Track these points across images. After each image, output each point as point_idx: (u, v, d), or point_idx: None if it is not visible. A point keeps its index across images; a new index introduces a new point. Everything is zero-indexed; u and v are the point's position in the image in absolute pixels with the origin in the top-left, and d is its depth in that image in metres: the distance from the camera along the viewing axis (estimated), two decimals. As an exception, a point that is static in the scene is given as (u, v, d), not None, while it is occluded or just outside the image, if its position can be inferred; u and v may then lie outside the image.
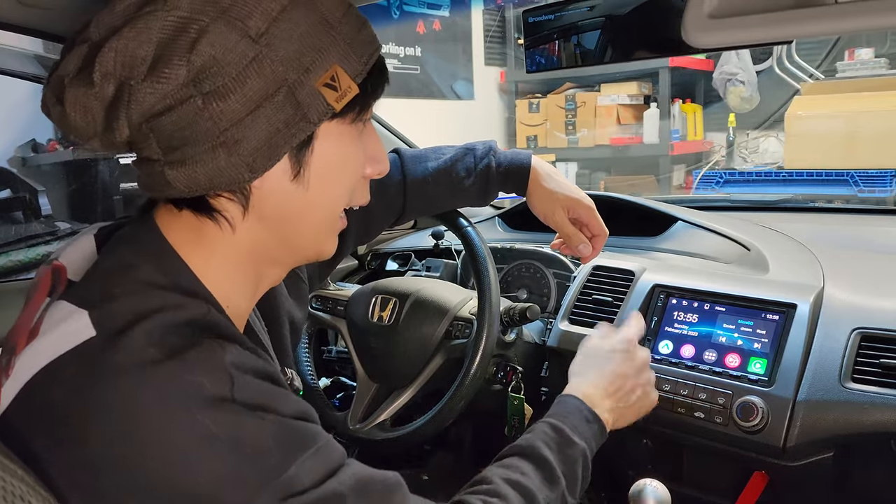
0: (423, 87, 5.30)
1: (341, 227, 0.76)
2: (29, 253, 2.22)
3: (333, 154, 0.69)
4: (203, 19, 0.61)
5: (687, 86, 5.70)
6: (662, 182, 5.38)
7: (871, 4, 0.69)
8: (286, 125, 0.64)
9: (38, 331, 0.64)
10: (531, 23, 1.01)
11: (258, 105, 0.63)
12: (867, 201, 2.72)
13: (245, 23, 0.62)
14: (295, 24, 0.64)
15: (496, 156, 1.16)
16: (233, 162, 0.64)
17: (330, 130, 0.68)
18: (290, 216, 0.70)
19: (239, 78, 0.62)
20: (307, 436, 0.64)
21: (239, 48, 0.62)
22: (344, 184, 0.72)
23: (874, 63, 4.22)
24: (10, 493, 0.53)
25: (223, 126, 0.63)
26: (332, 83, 0.65)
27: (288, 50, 0.63)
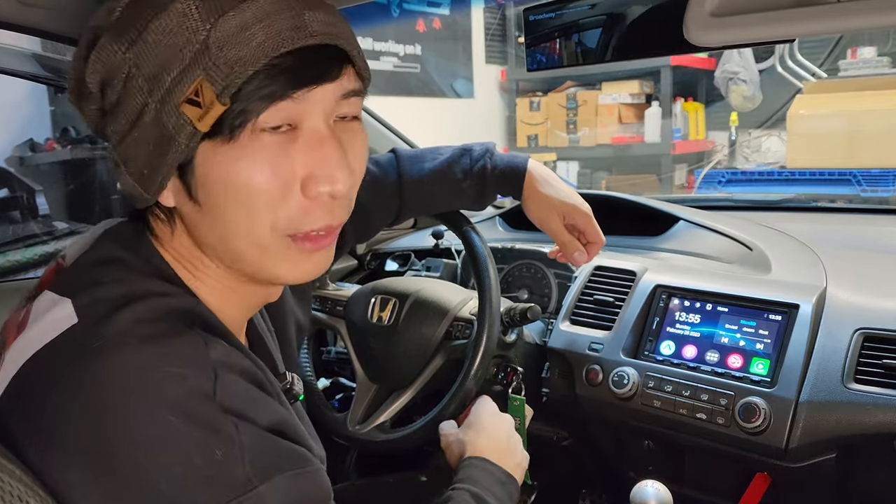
0: (423, 85, 5.30)
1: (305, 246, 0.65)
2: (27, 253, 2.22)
3: (220, 176, 0.61)
4: (102, 35, 0.61)
5: (689, 84, 5.69)
6: (664, 181, 5.38)
7: (872, 3, 0.69)
8: (157, 146, 0.60)
9: (26, 323, 0.64)
10: (532, 21, 1.01)
11: (133, 125, 0.61)
12: (870, 201, 2.72)
13: (122, 36, 0.59)
14: (161, 33, 0.58)
15: (492, 158, 1.15)
16: (129, 181, 0.63)
17: (208, 150, 0.60)
18: (209, 239, 0.65)
19: (121, 96, 0.60)
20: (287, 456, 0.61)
21: (118, 63, 0.60)
22: (245, 206, 0.61)
23: (876, 62, 4.21)
24: (7, 494, 0.53)
25: (115, 143, 0.63)
26: (195, 99, 0.57)
27: (153, 63, 0.58)
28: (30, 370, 0.61)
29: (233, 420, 0.58)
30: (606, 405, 1.23)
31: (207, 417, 0.57)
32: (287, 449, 0.61)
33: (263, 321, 0.84)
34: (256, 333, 0.80)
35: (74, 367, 0.58)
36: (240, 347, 0.65)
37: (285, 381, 0.78)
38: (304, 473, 0.61)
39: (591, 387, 1.24)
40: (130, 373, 0.57)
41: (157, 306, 0.61)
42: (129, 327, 0.59)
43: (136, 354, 0.57)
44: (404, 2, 4.54)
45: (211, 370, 0.59)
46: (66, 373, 0.58)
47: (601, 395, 1.23)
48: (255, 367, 0.64)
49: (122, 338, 0.58)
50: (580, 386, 1.26)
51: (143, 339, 0.58)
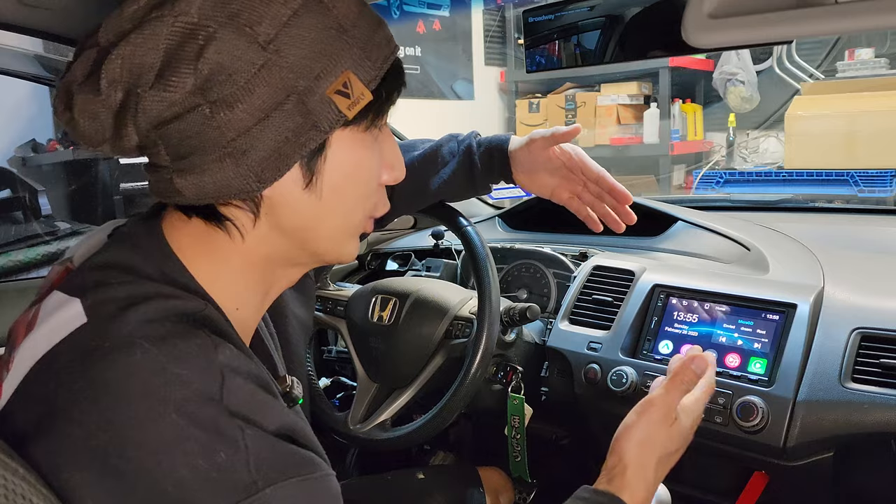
0: (422, 86, 5.30)
1: (367, 231, 0.76)
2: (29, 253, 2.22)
3: (347, 162, 0.67)
4: (211, 25, 0.59)
5: (687, 86, 5.69)
6: (662, 182, 5.38)
7: (871, 4, 0.69)
8: (296, 134, 0.63)
9: (34, 323, 0.64)
10: (531, 23, 1.01)
11: (267, 114, 0.61)
12: (867, 201, 2.73)
13: (254, 29, 0.60)
14: (305, 30, 0.62)
15: (478, 137, 1.18)
16: (240, 172, 0.62)
17: (343, 138, 0.66)
18: (305, 225, 0.68)
19: (247, 86, 0.60)
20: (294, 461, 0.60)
21: (247, 56, 0.60)
22: (359, 192, 0.70)
23: (874, 63, 4.21)
24: (11, 492, 0.53)
25: (230, 136, 0.61)
26: (344, 90, 0.63)
27: (297, 56, 0.61)
28: (39, 371, 0.61)
29: (238, 424, 0.58)
30: (605, 404, 1.23)
31: (213, 420, 0.57)
32: (295, 454, 0.61)
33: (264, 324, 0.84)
34: (258, 336, 0.80)
35: (82, 367, 0.58)
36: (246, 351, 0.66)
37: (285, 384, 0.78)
38: (312, 479, 0.61)
39: (590, 386, 1.25)
40: (137, 374, 0.57)
41: (165, 307, 0.61)
42: (137, 328, 0.59)
43: (143, 356, 0.57)
44: (404, 3, 4.54)
45: (218, 373, 0.59)
46: (74, 373, 0.58)
47: (600, 394, 1.23)
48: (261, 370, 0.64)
49: (129, 338, 0.58)
50: (579, 385, 1.26)
51: (150, 340, 0.58)
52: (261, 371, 0.64)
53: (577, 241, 1.57)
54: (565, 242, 1.57)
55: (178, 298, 0.63)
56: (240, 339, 0.67)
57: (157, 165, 0.65)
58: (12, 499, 0.53)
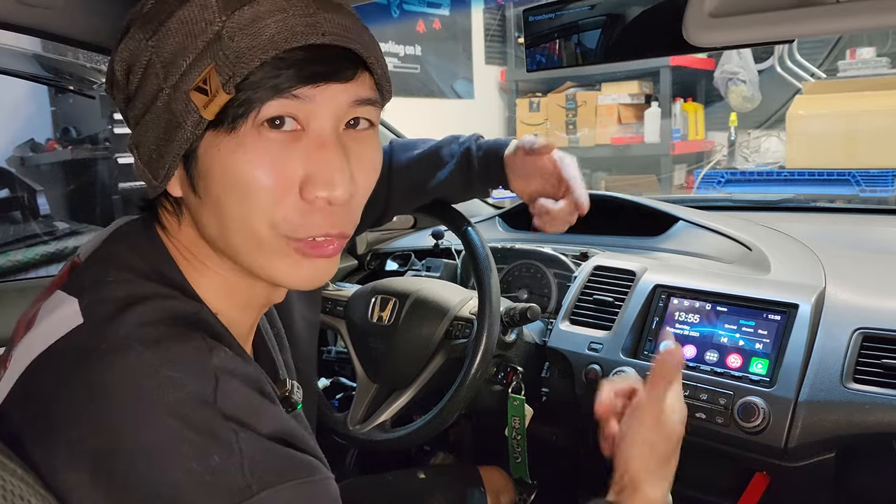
0: (422, 85, 5.30)
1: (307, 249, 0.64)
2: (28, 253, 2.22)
3: (219, 167, 0.61)
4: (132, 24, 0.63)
5: (688, 85, 5.69)
6: (663, 182, 5.37)
7: (872, 4, 0.69)
8: (166, 132, 0.61)
9: (34, 322, 0.64)
10: (531, 21, 1.01)
11: (147, 110, 0.62)
12: (869, 201, 2.73)
13: (147, 25, 0.62)
14: (180, 23, 0.60)
15: (477, 141, 1.17)
16: (139, 167, 0.65)
17: (214, 141, 0.60)
18: (211, 232, 0.65)
19: (140, 82, 0.62)
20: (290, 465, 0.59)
21: (142, 51, 0.62)
22: (240, 201, 0.61)
23: (876, 62, 4.21)
24: (9, 493, 0.53)
25: (132, 126, 0.65)
26: (203, 87, 0.59)
27: (170, 51, 0.60)
28: (35, 371, 0.61)
29: (232, 427, 0.57)
30: (606, 405, 1.23)
31: (206, 423, 0.56)
32: (291, 457, 0.60)
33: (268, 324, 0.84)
34: (260, 339, 0.80)
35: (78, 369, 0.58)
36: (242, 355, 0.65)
37: (284, 388, 0.77)
38: (310, 482, 0.60)
39: (590, 386, 1.24)
40: (131, 377, 0.57)
41: (161, 308, 0.61)
42: (132, 330, 0.59)
43: (138, 359, 0.57)
44: (404, 2, 4.54)
45: (212, 376, 0.58)
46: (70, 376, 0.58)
47: (601, 394, 1.23)
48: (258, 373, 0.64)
49: (124, 341, 0.58)
50: (579, 385, 1.26)
51: (145, 342, 0.58)
52: (258, 374, 0.64)
53: (578, 241, 1.57)
54: (566, 242, 1.56)
55: (174, 299, 0.63)
56: (235, 341, 0.67)
57: None
58: (10, 499, 0.53)
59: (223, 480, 0.56)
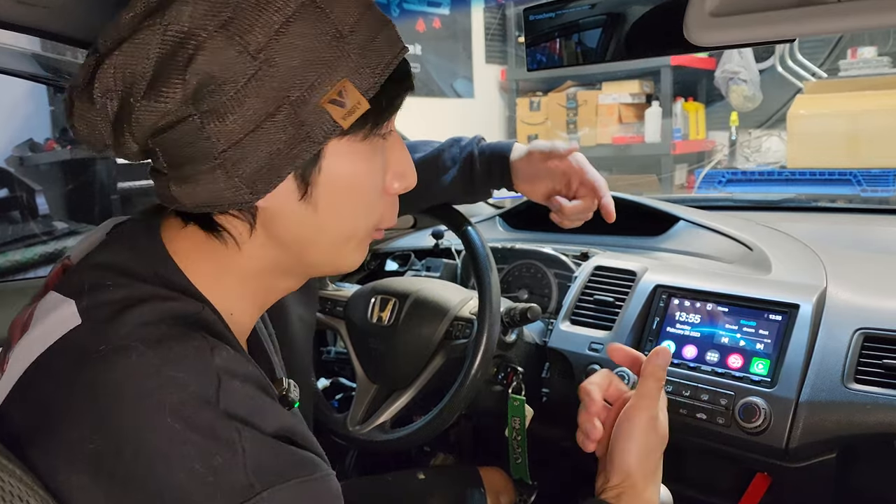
0: (422, 85, 5.29)
1: (377, 238, 0.73)
2: (27, 252, 2.22)
3: (344, 173, 0.65)
4: (201, 34, 0.58)
5: (689, 84, 5.69)
6: (664, 181, 5.37)
7: (872, 3, 0.69)
8: (288, 146, 0.61)
9: (29, 324, 0.64)
10: (532, 21, 1.01)
11: (258, 125, 0.60)
12: (870, 201, 2.72)
13: (244, 38, 0.58)
14: (298, 38, 0.60)
15: (480, 144, 1.18)
16: (232, 183, 0.61)
17: (339, 149, 0.64)
18: (302, 237, 0.67)
19: (237, 97, 0.59)
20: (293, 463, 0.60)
21: (237, 65, 0.58)
22: (359, 203, 0.67)
23: (877, 62, 4.21)
24: (8, 494, 0.53)
25: (221, 147, 0.60)
26: (339, 99, 0.61)
27: (290, 66, 0.59)
28: (34, 373, 0.61)
29: (236, 426, 0.57)
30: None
31: (208, 423, 0.56)
32: (294, 455, 0.60)
33: (263, 325, 0.84)
34: (256, 338, 0.80)
35: (79, 370, 0.58)
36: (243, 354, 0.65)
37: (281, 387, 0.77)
38: (312, 480, 0.60)
39: (591, 387, 1.24)
40: (133, 378, 0.57)
41: (161, 309, 0.61)
42: (133, 330, 0.59)
43: (139, 359, 0.57)
44: (404, 1, 4.53)
45: (214, 376, 0.58)
46: (70, 377, 0.58)
47: (601, 395, 1.22)
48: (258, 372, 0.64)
49: (126, 341, 0.58)
50: (580, 386, 1.26)
51: (146, 342, 0.58)
52: (258, 373, 0.64)
53: (578, 241, 1.57)
54: (566, 242, 1.56)
55: (174, 300, 0.63)
56: (237, 341, 0.67)
57: (158, 171, 0.65)
58: (10, 500, 0.53)
59: (226, 480, 0.56)
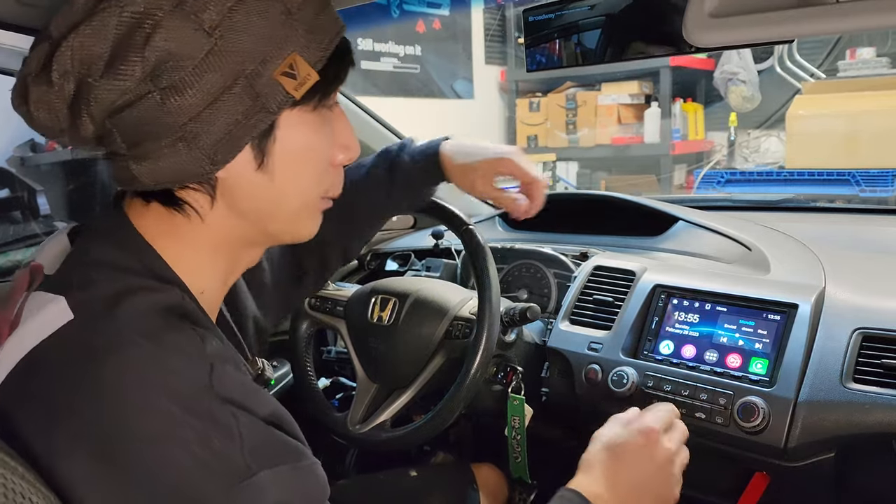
0: (422, 86, 5.30)
1: (325, 207, 0.76)
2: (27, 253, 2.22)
3: (297, 142, 0.69)
4: (157, 14, 0.60)
5: (688, 85, 5.69)
6: (663, 182, 5.38)
7: (871, 4, 0.69)
8: (245, 116, 0.64)
9: (18, 321, 0.65)
10: (531, 22, 1.01)
11: (216, 98, 0.63)
12: (869, 201, 2.73)
13: (199, 16, 0.61)
14: (250, 15, 0.63)
15: (408, 148, 1.16)
16: (194, 155, 0.64)
17: (291, 119, 0.68)
18: (260, 205, 0.70)
19: (195, 72, 0.62)
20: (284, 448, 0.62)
21: (194, 42, 0.61)
22: (311, 171, 0.71)
23: (876, 62, 4.22)
24: (10, 491, 0.53)
25: (182, 120, 0.63)
26: (290, 72, 0.64)
27: (243, 41, 0.63)
28: (27, 367, 0.62)
29: (231, 410, 0.60)
30: (606, 405, 1.23)
31: (206, 408, 0.59)
32: (284, 441, 0.63)
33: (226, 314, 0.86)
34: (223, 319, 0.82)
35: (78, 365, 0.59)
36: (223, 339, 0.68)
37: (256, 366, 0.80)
38: (302, 467, 0.63)
39: (590, 386, 1.24)
40: (132, 368, 0.59)
41: (151, 302, 0.63)
42: (128, 323, 0.61)
43: (138, 351, 0.59)
44: (404, 2, 4.54)
45: (207, 363, 0.61)
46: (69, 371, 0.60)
47: (600, 394, 1.23)
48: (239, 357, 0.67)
49: (122, 335, 0.60)
50: (579, 386, 1.26)
51: (143, 335, 0.60)
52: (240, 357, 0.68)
53: (578, 241, 1.57)
54: (565, 242, 1.56)
55: (160, 292, 0.65)
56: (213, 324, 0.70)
57: (115, 154, 0.66)
58: (12, 498, 0.53)
59: (224, 463, 0.58)
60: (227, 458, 0.58)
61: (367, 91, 4.65)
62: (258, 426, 0.61)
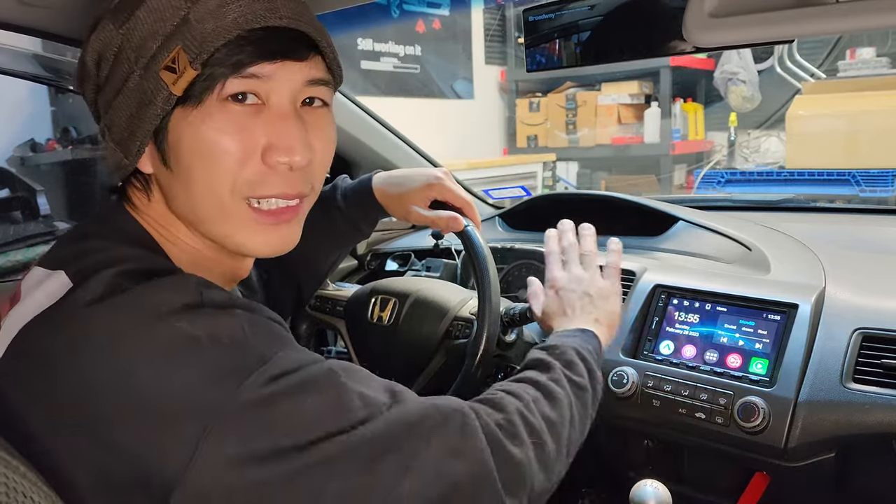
0: (422, 86, 5.30)
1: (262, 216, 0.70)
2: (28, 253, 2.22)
3: (190, 140, 0.67)
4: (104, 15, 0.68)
5: (688, 85, 5.70)
6: (663, 182, 5.39)
7: (871, 4, 0.69)
8: (138, 110, 0.67)
9: (18, 297, 0.67)
10: (531, 22, 1.01)
11: (118, 92, 0.67)
12: (869, 201, 2.73)
13: (117, 15, 0.67)
14: (150, 10, 0.66)
15: (339, 189, 1.16)
16: (111, 147, 0.69)
17: (184, 115, 0.66)
18: (181, 205, 0.71)
19: (112, 68, 0.67)
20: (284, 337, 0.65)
21: (112, 40, 0.67)
22: (217, 170, 0.67)
23: (875, 62, 4.22)
24: (12, 490, 0.54)
25: (103, 112, 0.70)
26: (171, 66, 0.64)
27: (140, 36, 0.66)
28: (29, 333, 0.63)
29: (228, 311, 0.62)
30: (606, 405, 1.22)
31: (204, 319, 0.61)
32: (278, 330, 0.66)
33: None
34: None
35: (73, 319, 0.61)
36: None
37: None
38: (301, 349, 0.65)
39: (590, 386, 1.24)
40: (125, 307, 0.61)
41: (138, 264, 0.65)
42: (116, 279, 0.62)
43: (127, 294, 0.61)
44: (404, 2, 4.54)
45: (195, 287, 0.63)
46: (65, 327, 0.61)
47: (601, 394, 1.23)
48: None
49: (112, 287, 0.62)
50: (580, 385, 1.26)
51: (131, 280, 0.62)
52: None
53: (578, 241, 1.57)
54: (566, 242, 1.56)
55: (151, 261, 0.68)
56: None
57: None
58: (13, 496, 0.53)
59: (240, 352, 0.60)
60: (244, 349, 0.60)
61: (367, 91, 4.65)
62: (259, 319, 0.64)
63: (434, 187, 1.11)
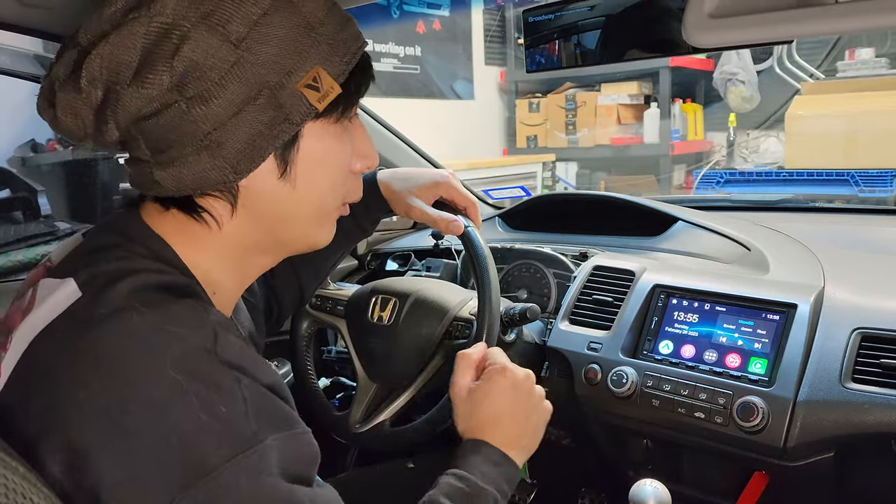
0: (422, 86, 5.30)
1: (342, 214, 0.79)
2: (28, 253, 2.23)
3: (318, 152, 0.71)
4: (185, 25, 0.62)
5: (687, 85, 5.70)
6: (663, 182, 5.39)
7: (871, 4, 0.69)
8: (269, 127, 0.66)
9: (31, 307, 0.67)
10: (531, 22, 1.01)
11: (240, 108, 0.65)
12: (868, 201, 2.73)
13: (226, 28, 0.63)
14: (275, 28, 0.65)
15: None
16: (217, 164, 0.66)
17: (314, 130, 0.70)
18: (280, 213, 0.72)
19: (221, 82, 0.64)
20: (284, 416, 0.64)
21: (220, 53, 0.63)
22: (331, 180, 0.74)
23: (875, 63, 4.22)
24: (11, 491, 0.54)
25: (206, 129, 0.64)
26: (314, 84, 0.67)
27: (268, 54, 0.65)
28: (38, 345, 0.63)
29: (235, 375, 0.61)
30: (605, 404, 1.23)
31: (211, 373, 0.60)
32: (286, 410, 0.65)
33: None
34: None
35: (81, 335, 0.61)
36: None
37: None
38: (299, 435, 0.65)
39: (590, 386, 1.24)
40: (136, 335, 0.60)
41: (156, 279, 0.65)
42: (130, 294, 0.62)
43: (140, 318, 0.60)
44: (404, 3, 4.54)
45: (211, 330, 0.62)
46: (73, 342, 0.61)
47: (600, 394, 1.23)
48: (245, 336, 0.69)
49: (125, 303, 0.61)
50: (579, 385, 1.26)
51: (145, 304, 0.61)
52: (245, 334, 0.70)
53: (578, 241, 1.57)
54: (565, 242, 1.57)
55: (166, 273, 0.67)
56: None
57: (138, 159, 0.68)
58: (13, 497, 0.53)
59: (231, 428, 0.59)
60: (234, 423, 0.59)
61: (368, 92, 4.64)
62: (261, 393, 0.63)
63: (441, 185, 1.13)
